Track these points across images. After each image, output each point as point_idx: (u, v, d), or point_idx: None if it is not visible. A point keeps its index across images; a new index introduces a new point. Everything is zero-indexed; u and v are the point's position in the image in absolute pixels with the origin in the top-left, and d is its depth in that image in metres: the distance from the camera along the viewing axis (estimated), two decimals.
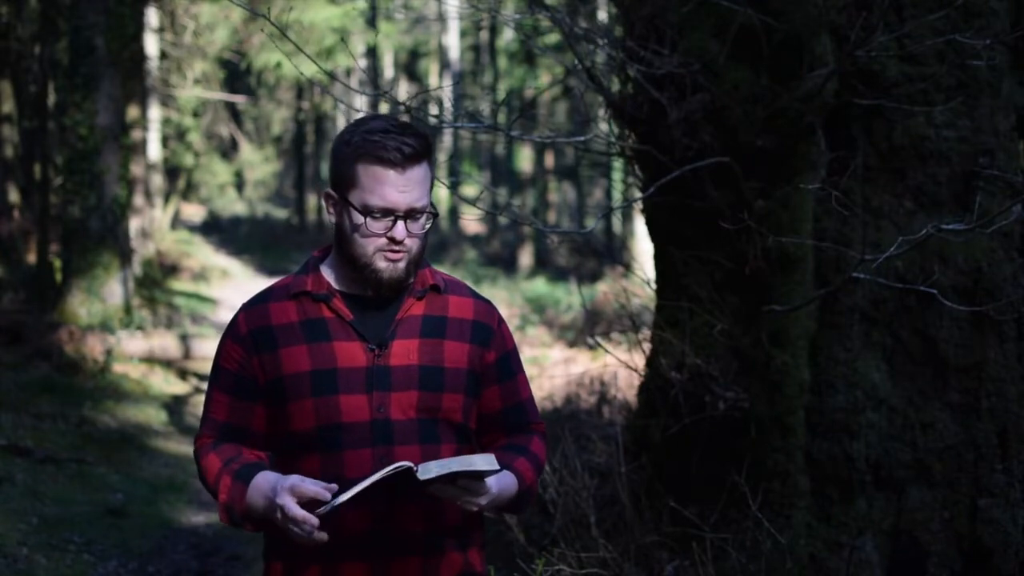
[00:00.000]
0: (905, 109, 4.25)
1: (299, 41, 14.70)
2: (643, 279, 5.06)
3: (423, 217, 2.21)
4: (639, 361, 5.04)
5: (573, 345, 13.73)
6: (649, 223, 4.71)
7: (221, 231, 29.10)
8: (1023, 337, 4.32)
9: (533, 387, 2.53)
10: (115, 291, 11.77)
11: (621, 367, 6.31)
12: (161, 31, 19.01)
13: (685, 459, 4.42)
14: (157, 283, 17.10)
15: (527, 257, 24.98)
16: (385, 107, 4.41)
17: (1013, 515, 4.17)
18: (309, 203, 32.29)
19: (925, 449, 4.24)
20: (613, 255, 19.66)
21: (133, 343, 11.30)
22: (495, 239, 29.51)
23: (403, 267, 2.21)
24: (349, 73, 25.33)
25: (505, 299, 17.91)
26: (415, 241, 2.21)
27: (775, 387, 4.27)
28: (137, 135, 15.88)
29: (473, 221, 29.54)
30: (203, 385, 10.58)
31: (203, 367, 11.43)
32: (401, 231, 2.18)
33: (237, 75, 26.67)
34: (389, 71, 33.21)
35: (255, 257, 24.81)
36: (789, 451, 4.29)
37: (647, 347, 4.90)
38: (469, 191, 20.70)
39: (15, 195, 15.89)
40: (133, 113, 15.13)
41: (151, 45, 17.86)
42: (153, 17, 17.96)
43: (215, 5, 17.58)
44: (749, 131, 4.21)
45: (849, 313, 4.31)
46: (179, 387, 11.09)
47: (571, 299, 18.06)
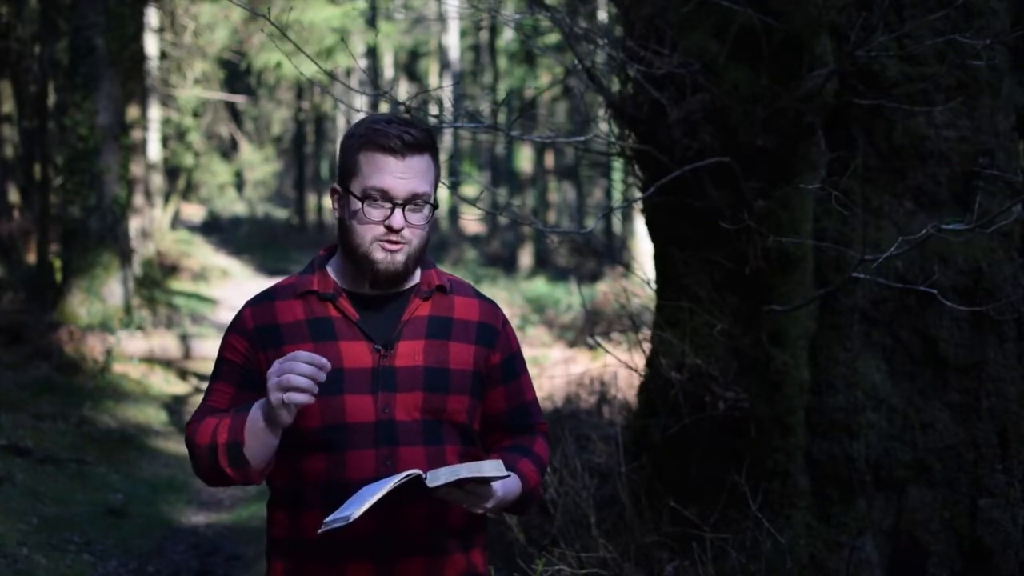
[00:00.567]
0: (905, 109, 4.25)
1: (299, 41, 14.70)
2: (643, 279, 5.06)
3: (424, 209, 2.20)
4: (639, 361, 5.04)
5: (573, 345, 13.73)
6: (649, 223, 4.71)
7: (221, 231, 29.09)
8: (1023, 337, 4.31)
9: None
10: (115, 291, 11.77)
11: (621, 367, 6.31)
12: (161, 31, 19.02)
13: (685, 459, 4.42)
14: (157, 283, 17.11)
15: (527, 257, 24.99)
16: (385, 107, 4.41)
17: (1013, 515, 4.17)
18: (309, 203, 32.30)
19: (925, 449, 4.24)
20: (613, 255, 19.66)
21: (133, 343, 11.31)
22: (495, 239, 29.52)
23: (401, 259, 2.19)
24: (349, 73, 25.34)
25: (505, 299, 17.91)
26: (415, 233, 2.20)
27: (775, 387, 4.28)
28: (137, 135, 15.88)
29: (473, 221, 29.54)
30: (203, 385, 10.58)
31: (203, 367, 11.43)
32: (399, 219, 2.17)
33: (237, 75, 26.67)
34: (389, 71, 33.20)
35: (255, 257, 24.81)
36: (789, 451, 4.29)
37: (647, 347, 4.90)
38: (469, 191, 20.70)
39: (15, 195, 15.90)
40: (133, 113, 15.13)
41: (151, 45, 17.87)
42: (153, 17, 17.96)
43: (215, 5, 17.59)
44: (749, 131, 4.21)
45: (849, 313, 4.31)
46: (179, 387, 11.09)
47: (571, 299, 18.07)
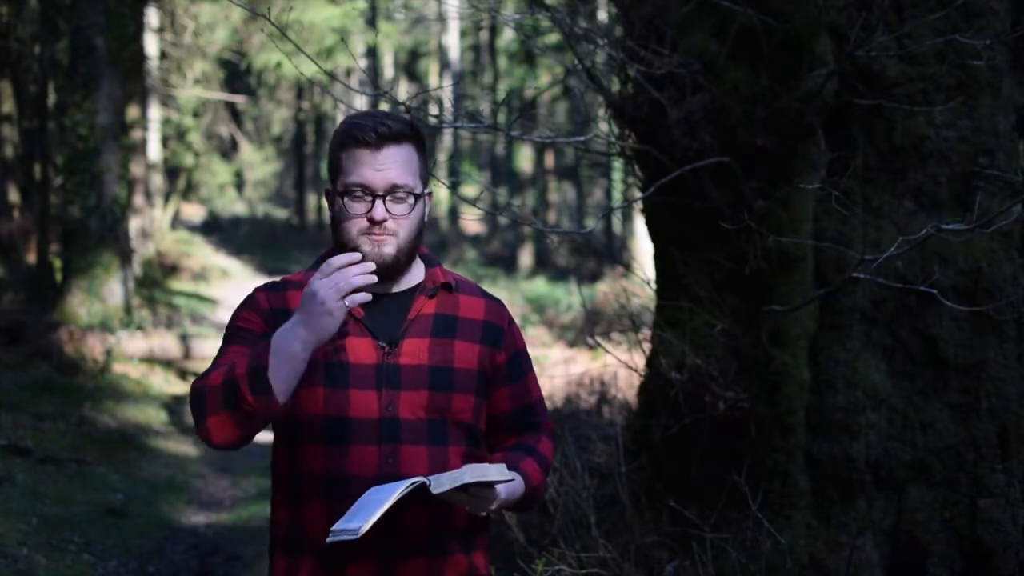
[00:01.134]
0: (905, 109, 4.25)
1: (299, 41, 14.70)
2: (643, 279, 5.06)
3: (409, 199, 2.20)
4: (639, 361, 5.04)
5: (573, 345, 13.73)
6: (649, 223, 4.71)
7: (221, 231, 29.07)
8: (1023, 337, 4.31)
9: None
10: (115, 291, 11.77)
11: (621, 367, 6.30)
12: (161, 31, 19.02)
13: (685, 459, 4.42)
14: (157, 283, 17.11)
15: (527, 257, 24.99)
16: (385, 107, 4.42)
17: (1013, 515, 4.17)
18: (309, 203, 32.28)
19: (925, 449, 4.24)
20: (613, 255, 19.66)
21: (133, 343, 11.30)
22: (495, 239, 29.52)
23: (389, 251, 2.19)
24: (349, 73, 25.33)
25: (505, 299, 17.72)
26: (400, 224, 2.19)
27: (775, 387, 4.27)
28: (137, 135, 15.88)
29: (473, 221, 29.53)
30: None
31: (203, 367, 11.41)
32: (380, 211, 2.17)
33: (237, 75, 26.66)
34: (389, 71, 33.20)
35: (255, 257, 24.81)
36: (789, 451, 4.29)
37: (647, 347, 4.90)
38: (469, 191, 20.68)
39: (15, 195, 15.89)
40: (133, 113, 15.13)
41: (151, 45, 17.87)
42: (153, 17, 17.96)
43: (215, 5, 17.59)
44: (749, 131, 4.21)
45: (849, 313, 4.31)
46: (179, 387, 11.09)
47: (571, 299, 18.07)
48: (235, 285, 19.64)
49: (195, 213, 30.63)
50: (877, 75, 4.27)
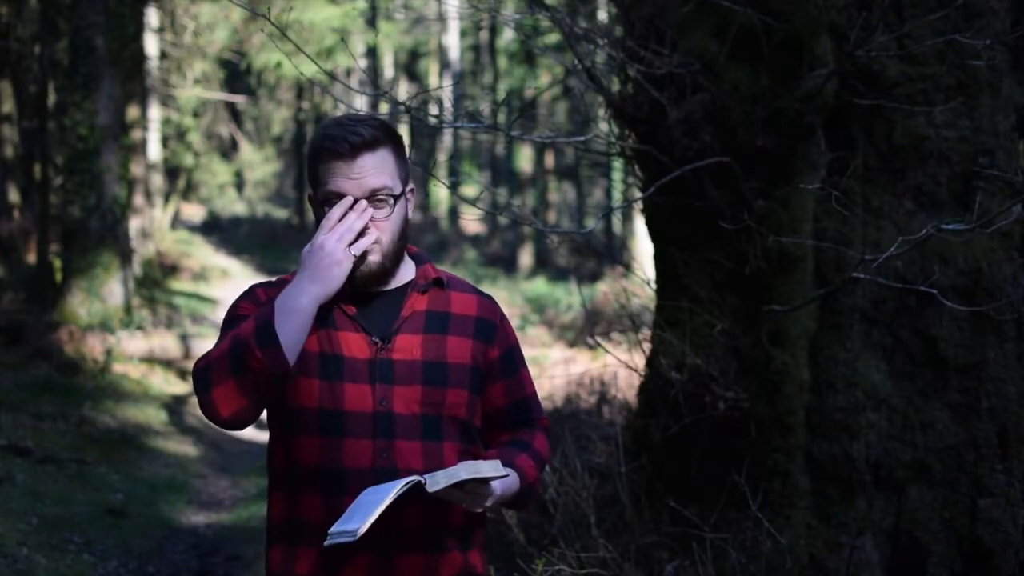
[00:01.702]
0: (905, 109, 4.25)
1: (299, 41, 14.70)
2: (643, 279, 5.06)
3: (389, 200, 2.21)
4: (639, 361, 5.04)
5: (573, 345, 13.73)
6: (649, 223, 4.71)
7: (221, 231, 29.06)
8: (1023, 337, 4.31)
9: None
10: (115, 291, 11.77)
11: (621, 367, 6.31)
12: (161, 31, 19.02)
13: (685, 459, 4.42)
14: (157, 283, 17.10)
15: (527, 257, 24.99)
16: (385, 107, 4.41)
17: (1013, 515, 4.17)
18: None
19: (925, 449, 4.24)
20: (613, 255, 19.66)
21: (133, 343, 11.30)
22: (495, 239, 29.51)
23: (375, 259, 2.20)
24: (349, 73, 25.33)
25: (505, 299, 17.91)
26: (383, 228, 2.21)
27: (775, 387, 4.27)
28: (137, 135, 15.88)
29: (473, 221, 29.54)
30: None
31: None
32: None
33: (237, 75, 26.66)
34: (389, 71, 33.19)
35: (255, 257, 24.80)
36: (789, 451, 4.29)
37: (647, 347, 4.90)
38: (469, 191, 20.69)
39: (15, 195, 15.89)
40: (133, 113, 15.13)
41: (151, 45, 17.87)
42: (153, 17, 17.96)
43: (215, 5, 17.60)
44: (749, 131, 4.21)
45: (849, 313, 4.31)
46: (179, 387, 11.09)
47: (571, 299, 18.07)
48: (235, 285, 19.62)
49: (195, 213, 30.62)
50: (877, 75, 4.27)
